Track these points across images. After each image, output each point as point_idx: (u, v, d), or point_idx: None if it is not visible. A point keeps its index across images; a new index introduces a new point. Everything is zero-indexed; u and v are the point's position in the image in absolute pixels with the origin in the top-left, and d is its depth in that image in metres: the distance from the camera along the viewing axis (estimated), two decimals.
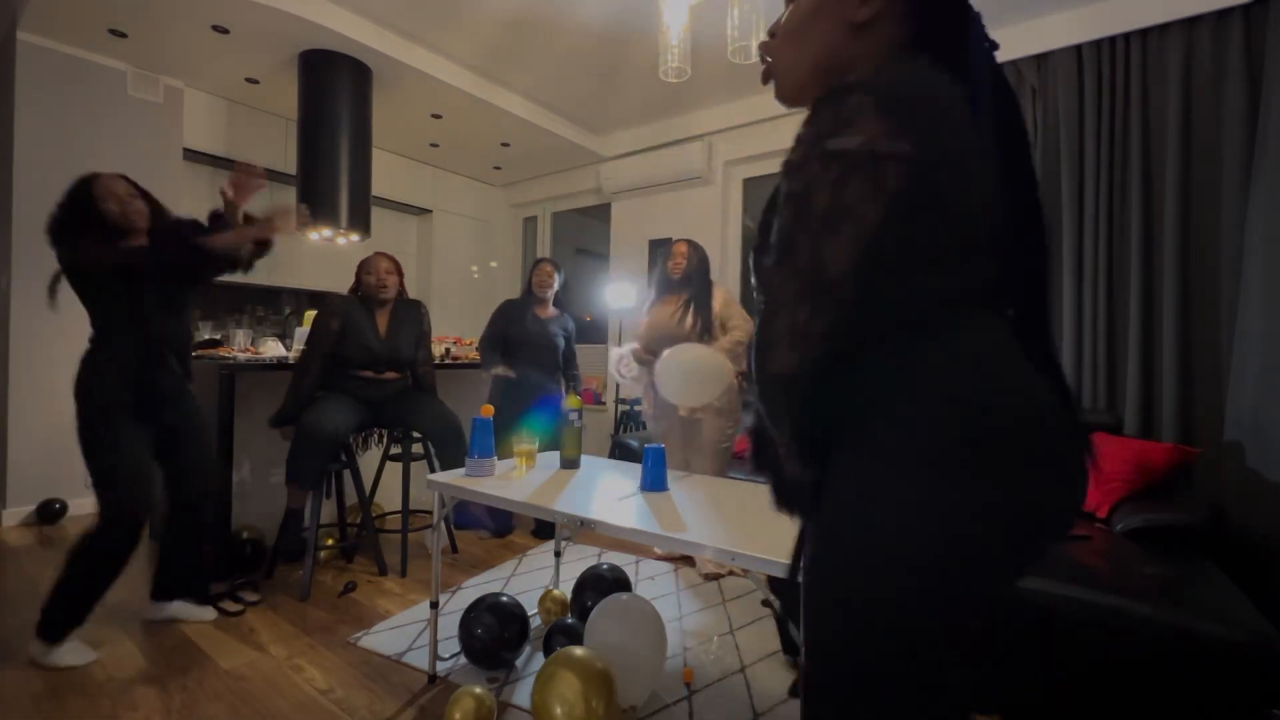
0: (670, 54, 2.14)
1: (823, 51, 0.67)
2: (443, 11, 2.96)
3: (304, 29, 2.90)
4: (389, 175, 4.48)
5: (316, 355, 2.37)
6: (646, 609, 1.65)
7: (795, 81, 0.70)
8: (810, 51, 0.67)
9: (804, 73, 0.68)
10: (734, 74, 3.46)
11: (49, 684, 1.61)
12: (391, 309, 2.55)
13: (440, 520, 1.70)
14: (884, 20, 0.65)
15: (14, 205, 2.96)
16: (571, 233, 5.35)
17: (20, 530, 2.88)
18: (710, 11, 2.59)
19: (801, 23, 0.68)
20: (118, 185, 1.80)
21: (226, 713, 1.52)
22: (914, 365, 0.60)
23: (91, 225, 1.75)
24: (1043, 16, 2.80)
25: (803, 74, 0.68)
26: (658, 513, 1.36)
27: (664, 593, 2.32)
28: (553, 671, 1.36)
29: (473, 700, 1.41)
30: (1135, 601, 1.40)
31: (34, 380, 3.01)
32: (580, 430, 1.81)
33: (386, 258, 2.55)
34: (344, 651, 1.83)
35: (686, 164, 4.06)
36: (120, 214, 1.78)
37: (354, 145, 3.27)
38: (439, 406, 2.56)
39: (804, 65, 0.68)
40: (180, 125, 3.46)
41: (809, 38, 0.67)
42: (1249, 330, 2.10)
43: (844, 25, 0.65)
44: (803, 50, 0.68)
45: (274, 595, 2.21)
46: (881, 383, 0.61)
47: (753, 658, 1.84)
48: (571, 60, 3.40)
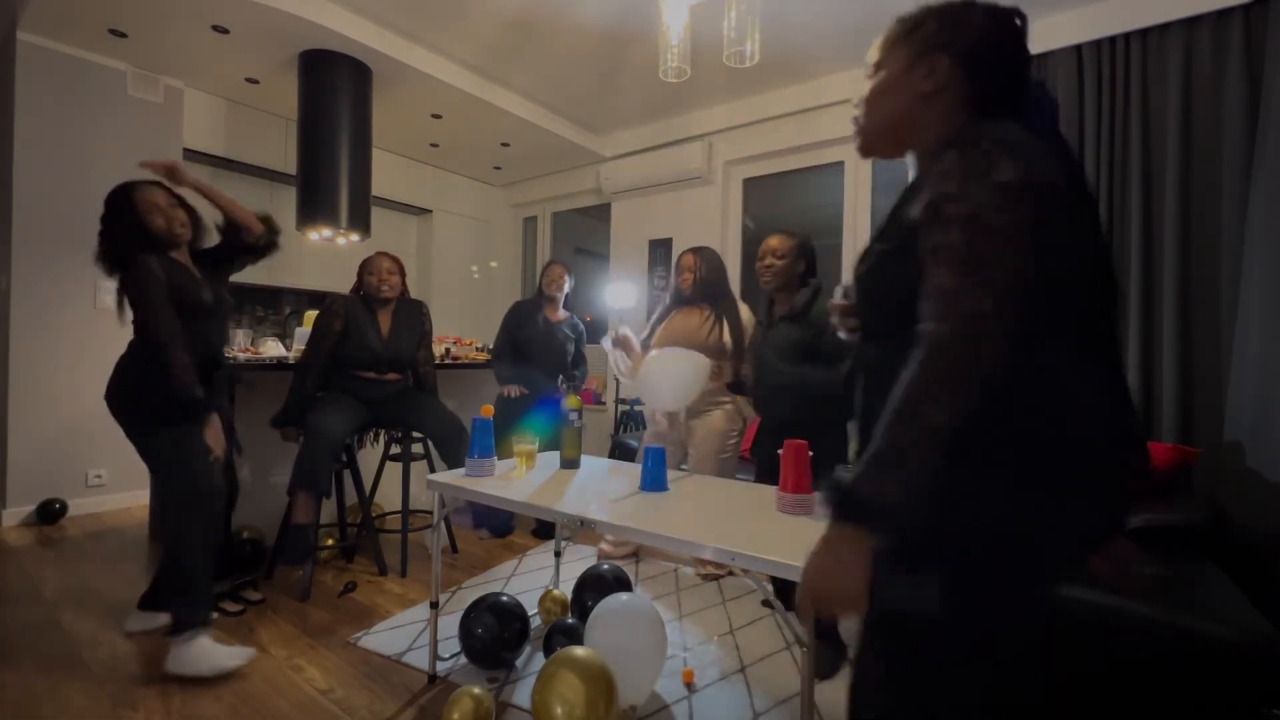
0: (670, 54, 2.14)
1: (895, 118, 0.82)
2: (443, 11, 2.96)
3: (304, 29, 2.90)
4: (389, 175, 4.48)
5: (318, 355, 2.37)
6: (646, 609, 1.65)
7: (872, 141, 0.86)
8: (890, 115, 0.82)
9: (879, 134, 0.84)
10: (734, 74, 3.45)
11: (50, 684, 1.61)
12: (394, 309, 2.55)
13: (440, 520, 1.70)
14: (948, 90, 0.78)
15: (14, 205, 2.96)
16: (571, 233, 5.35)
17: (20, 530, 2.88)
18: (710, 12, 2.59)
19: (879, 94, 0.83)
20: (158, 197, 1.78)
21: (226, 713, 1.52)
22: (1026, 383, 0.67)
23: (139, 237, 1.75)
24: (1043, 17, 2.80)
25: (878, 135, 0.84)
26: (658, 513, 1.35)
27: (664, 593, 2.32)
28: (554, 671, 1.36)
29: (471, 700, 1.41)
30: (1135, 601, 1.40)
31: (34, 380, 3.01)
32: (580, 430, 1.81)
33: (388, 257, 2.55)
34: (344, 651, 1.84)
35: (686, 164, 4.06)
36: (167, 229, 1.78)
37: (354, 145, 3.27)
38: (440, 407, 2.56)
39: (884, 124, 0.83)
40: (180, 125, 3.46)
41: (884, 106, 0.82)
42: (1249, 330, 2.10)
43: (914, 96, 0.79)
44: (884, 114, 0.83)
45: (274, 595, 2.21)
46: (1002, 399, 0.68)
47: (753, 658, 1.84)
48: (571, 60, 3.40)
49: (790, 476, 1.35)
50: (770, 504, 1.40)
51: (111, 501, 3.24)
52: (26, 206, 2.97)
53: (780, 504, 1.36)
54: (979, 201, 0.65)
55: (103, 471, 3.21)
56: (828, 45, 3.17)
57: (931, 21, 0.79)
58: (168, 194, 1.82)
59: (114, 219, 1.76)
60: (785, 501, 1.35)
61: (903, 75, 0.80)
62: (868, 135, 0.86)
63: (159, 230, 1.77)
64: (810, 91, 3.58)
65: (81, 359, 3.11)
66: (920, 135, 0.80)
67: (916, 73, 0.79)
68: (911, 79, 0.79)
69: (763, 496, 1.48)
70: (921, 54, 0.79)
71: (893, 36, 0.83)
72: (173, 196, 1.82)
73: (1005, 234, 0.64)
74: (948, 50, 0.78)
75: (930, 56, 0.78)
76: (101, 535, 2.82)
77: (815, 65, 3.39)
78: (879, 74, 0.84)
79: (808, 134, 3.66)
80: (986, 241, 0.64)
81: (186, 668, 1.64)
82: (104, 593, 2.18)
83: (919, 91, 0.79)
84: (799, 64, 3.38)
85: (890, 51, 0.83)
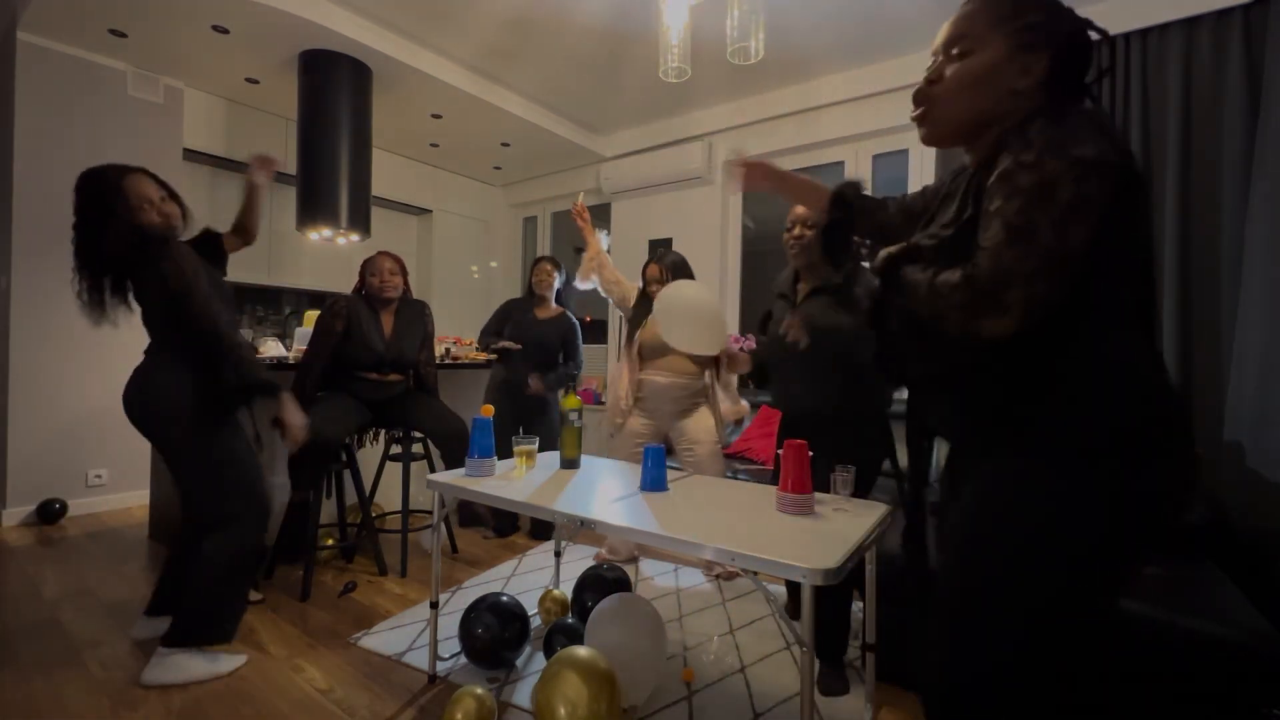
0: (670, 54, 2.14)
1: (987, 107, 0.79)
2: (443, 11, 2.96)
3: (304, 29, 2.90)
4: (389, 175, 4.48)
5: (320, 355, 2.36)
6: (646, 609, 1.65)
7: (957, 129, 0.83)
8: (978, 107, 0.79)
9: (967, 123, 0.81)
10: (734, 74, 3.46)
11: (50, 684, 1.60)
12: (396, 309, 2.54)
13: (440, 520, 1.70)
14: (1039, 86, 0.77)
15: (14, 205, 2.96)
16: (571, 233, 5.34)
17: (20, 530, 2.88)
18: (710, 11, 2.59)
19: (973, 82, 0.79)
20: (149, 189, 1.67)
21: (226, 713, 1.51)
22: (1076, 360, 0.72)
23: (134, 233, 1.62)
24: None
25: (966, 124, 0.81)
26: (658, 513, 1.35)
27: (664, 593, 2.32)
28: (556, 671, 1.36)
29: (474, 700, 1.41)
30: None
31: (34, 380, 3.01)
32: (580, 430, 1.80)
33: (390, 257, 2.54)
34: (344, 651, 1.83)
35: (686, 164, 4.06)
36: (162, 224, 1.67)
37: (354, 145, 3.27)
38: (441, 407, 2.56)
39: (967, 116, 0.80)
40: (180, 125, 3.46)
41: (979, 95, 0.78)
42: (1249, 330, 2.10)
43: (1007, 90, 0.77)
44: (970, 106, 0.79)
45: (274, 595, 2.21)
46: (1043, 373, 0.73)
47: (753, 658, 1.84)
48: (571, 60, 3.40)
49: (790, 476, 1.35)
50: (770, 504, 1.40)
51: (111, 501, 3.24)
52: (27, 206, 2.97)
53: (780, 504, 1.36)
54: (1052, 171, 0.67)
55: (103, 471, 3.21)
56: (828, 45, 3.17)
57: (1033, 14, 0.76)
58: (158, 184, 1.71)
59: (100, 212, 1.61)
60: (785, 501, 1.35)
61: (999, 66, 0.77)
62: (947, 125, 0.82)
63: (153, 228, 1.64)
64: (810, 91, 3.58)
65: (81, 359, 3.11)
66: (998, 127, 0.78)
67: (1014, 66, 0.76)
68: (1008, 72, 0.77)
69: (763, 496, 1.48)
70: (1020, 46, 0.76)
71: (984, 18, 0.78)
72: (163, 187, 1.72)
73: (1070, 205, 0.66)
74: (1047, 47, 0.76)
75: (1030, 52, 0.76)
76: (101, 535, 2.82)
77: (815, 65, 3.39)
78: (968, 58, 0.78)
79: (808, 134, 3.67)
80: (1049, 209, 0.66)
81: (164, 677, 1.60)
82: (104, 593, 2.18)
83: (1013, 87, 0.77)
84: (799, 64, 3.38)
85: (983, 36, 0.77)
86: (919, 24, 2.92)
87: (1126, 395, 0.71)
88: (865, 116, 3.45)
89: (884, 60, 3.30)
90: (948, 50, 0.81)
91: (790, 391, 1.78)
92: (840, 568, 1.04)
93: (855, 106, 3.48)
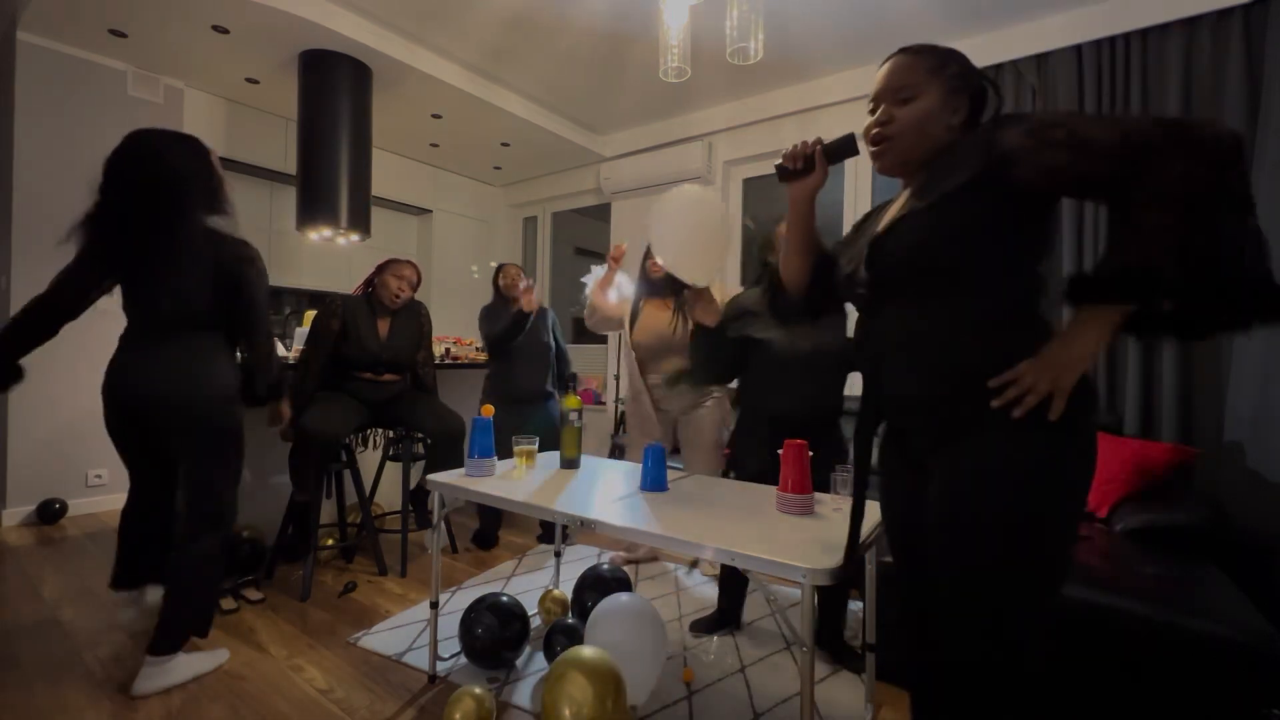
0: (670, 54, 2.14)
1: (931, 143, 0.96)
2: (443, 11, 2.96)
3: (304, 29, 2.90)
4: (389, 175, 4.48)
5: (317, 355, 2.37)
6: (646, 609, 1.65)
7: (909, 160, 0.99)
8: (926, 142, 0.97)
9: (914, 156, 0.98)
10: (734, 74, 3.46)
11: (50, 684, 1.60)
12: (393, 311, 2.54)
13: (440, 520, 1.70)
14: (961, 122, 0.98)
15: (14, 205, 2.96)
16: (571, 233, 5.36)
17: (20, 530, 2.88)
18: (710, 11, 2.60)
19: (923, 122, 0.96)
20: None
21: (226, 713, 1.51)
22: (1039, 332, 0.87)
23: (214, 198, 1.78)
24: (1043, 17, 2.80)
25: (917, 155, 0.98)
26: (658, 513, 1.35)
27: (664, 593, 2.32)
28: (562, 672, 1.36)
29: (473, 700, 1.41)
30: (1135, 601, 1.40)
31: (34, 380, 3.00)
32: (580, 430, 1.80)
33: (413, 267, 2.54)
34: (344, 651, 1.84)
35: (686, 164, 4.06)
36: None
37: (354, 145, 3.27)
38: (440, 406, 2.56)
39: (921, 148, 0.97)
40: (180, 125, 3.45)
41: (924, 134, 0.96)
42: None
43: (944, 126, 0.96)
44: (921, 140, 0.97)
45: (274, 595, 2.21)
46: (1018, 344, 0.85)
47: (753, 658, 1.84)
48: (571, 60, 3.40)
49: (790, 476, 1.35)
50: (770, 504, 1.40)
51: (111, 501, 3.24)
52: (27, 206, 2.97)
53: (780, 504, 1.36)
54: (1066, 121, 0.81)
55: (103, 471, 3.21)
56: (828, 45, 3.17)
57: (954, 65, 0.96)
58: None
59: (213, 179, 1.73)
60: (785, 501, 1.35)
61: (938, 108, 0.95)
62: (903, 155, 0.99)
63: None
64: (810, 91, 3.58)
65: (81, 359, 3.10)
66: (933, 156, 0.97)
67: (948, 107, 0.96)
68: (945, 112, 0.96)
69: (763, 496, 1.48)
70: (952, 91, 0.95)
71: (921, 69, 0.96)
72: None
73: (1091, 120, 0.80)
74: (965, 91, 0.96)
75: (958, 95, 0.96)
76: (101, 535, 2.82)
77: (815, 65, 3.39)
78: (913, 103, 0.96)
79: (808, 134, 3.62)
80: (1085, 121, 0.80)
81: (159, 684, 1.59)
82: (104, 593, 2.17)
83: (949, 123, 0.96)
84: (799, 64, 3.38)
85: (922, 83, 0.96)
86: (919, 24, 2.92)
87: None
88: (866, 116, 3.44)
89: None
90: (893, 96, 0.97)
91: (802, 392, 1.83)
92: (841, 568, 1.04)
93: (855, 106, 3.48)
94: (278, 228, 4.04)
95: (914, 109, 0.96)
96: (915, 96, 0.96)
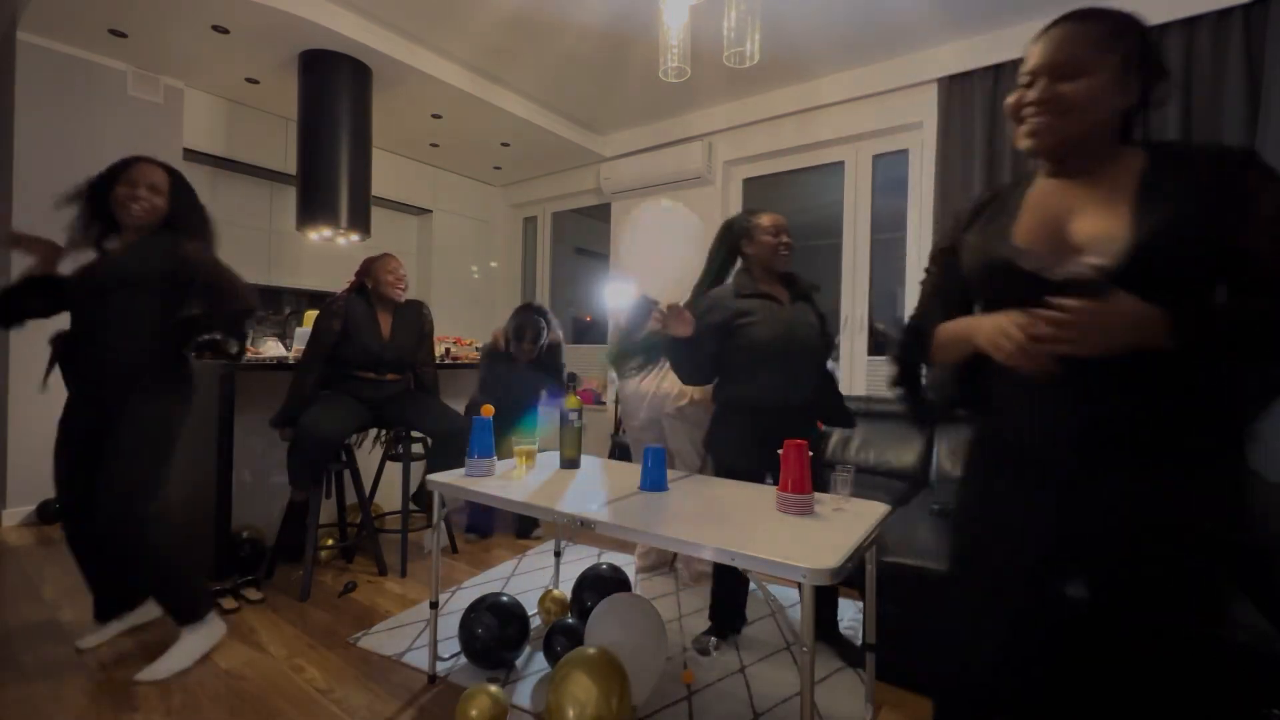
0: (670, 54, 2.14)
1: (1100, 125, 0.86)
2: (443, 11, 2.96)
3: (304, 29, 2.90)
4: (389, 175, 4.48)
5: (318, 355, 2.36)
6: (646, 609, 1.65)
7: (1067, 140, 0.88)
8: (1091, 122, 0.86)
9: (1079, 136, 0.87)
10: (734, 74, 3.45)
11: (50, 684, 1.61)
12: (395, 310, 2.54)
13: (440, 520, 1.70)
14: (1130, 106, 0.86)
15: (14, 205, 2.95)
16: (571, 233, 5.36)
17: (20, 530, 2.88)
18: (710, 11, 2.59)
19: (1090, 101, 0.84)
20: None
21: (226, 713, 1.51)
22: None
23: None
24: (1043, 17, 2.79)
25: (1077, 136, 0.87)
26: (658, 513, 1.35)
27: (664, 593, 2.32)
28: (567, 673, 1.36)
29: (488, 698, 1.41)
30: None
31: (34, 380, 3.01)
32: (580, 430, 1.80)
33: (396, 260, 2.56)
34: (344, 651, 1.84)
35: (686, 164, 4.05)
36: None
37: (354, 145, 3.27)
38: (441, 406, 2.56)
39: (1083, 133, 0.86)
40: (180, 125, 3.46)
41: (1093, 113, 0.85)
42: None
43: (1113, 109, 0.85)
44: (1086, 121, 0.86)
45: (274, 595, 2.21)
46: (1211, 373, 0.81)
47: (753, 658, 1.84)
48: (571, 60, 3.40)
49: (790, 476, 1.35)
50: (770, 504, 1.40)
51: None
52: (27, 207, 2.97)
53: (780, 504, 1.36)
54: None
55: None
56: (827, 45, 3.17)
57: (1130, 38, 0.85)
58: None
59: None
60: (785, 501, 1.35)
61: (1110, 89, 0.84)
62: (1063, 138, 0.87)
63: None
64: (810, 91, 3.58)
65: None
66: (1103, 142, 0.87)
67: (1120, 88, 0.84)
68: (1115, 93, 0.84)
69: (763, 496, 1.48)
70: (1124, 70, 0.83)
71: (1091, 41, 0.84)
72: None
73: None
74: (1140, 74, 0.84)
75: (1129, 75, 0.84)
76: None
77: (815, 65, 3.39)
78: (1081, 81, 0.84)
79: (808, 134, 3.66)
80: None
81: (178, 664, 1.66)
82: None
83: (1119, 106, 0.85)
84: (799, 64, 3.38)
85: (1095, 61, 0.84)
86: (919, 24, 2.92)
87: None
88: (865, 116, 3.46)
89: (884, 60, 3.30)
90: (1055, 72, 0.86)
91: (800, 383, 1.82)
92: (841, 568, 1.04)
93: (855, 106, 3.48)
94: (278, 228, 4.04)
95: (1081, 88, 0.84)
96: (1083, 74, 0.84)
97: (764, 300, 1.82)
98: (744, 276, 1.91)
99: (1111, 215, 0.83)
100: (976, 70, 2.99)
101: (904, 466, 2.80)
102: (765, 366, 1.77)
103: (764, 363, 1.77)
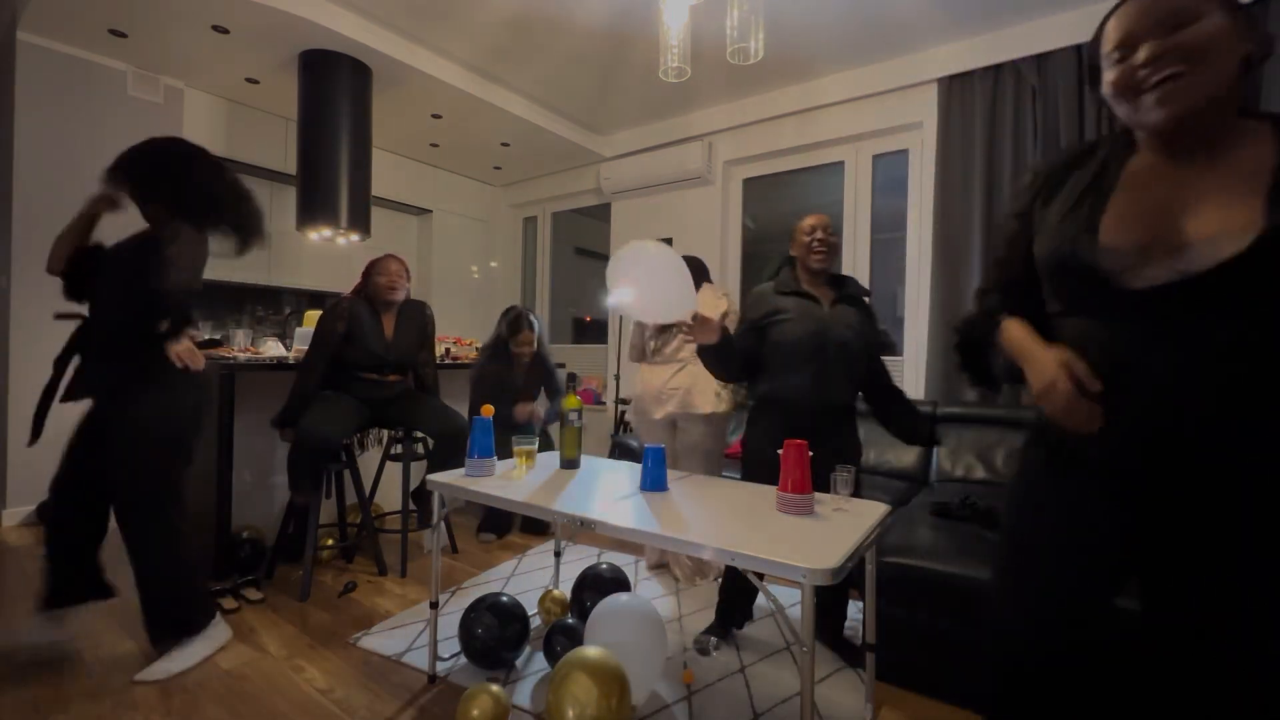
0: (670, 54, 2.14)
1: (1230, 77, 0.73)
2: (443, 11, 2.96)
3: (304, 29, 2.90)
4: (389, 175, 4.48)
5: (321, 356, 2.36)
6: (646, 609, 1.65)
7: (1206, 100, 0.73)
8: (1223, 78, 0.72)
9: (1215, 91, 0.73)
10: (734, 74, 3.46)
11: (50, 684, 1.61)
12: (397, 311, 2.54)
13: (440, 520, 1.70)
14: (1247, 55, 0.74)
15: (14, 205, 2.96)
16: (571, 233, 5.36)
17: (20, 530, 2.88)
18: (710, 11, 2.59)
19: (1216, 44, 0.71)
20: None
21: (226, 713, 1.51)
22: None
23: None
24: (1043, 17, 2.80)
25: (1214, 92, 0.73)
26: (657, 513, 1.35)
27: (664, 593, 2.32)
28: (567, 673, 1.36)
29: (490, 698, 1.41)
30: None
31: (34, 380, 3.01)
32: (580, 430, 1.80)
33: (397, 260, 2.55)
34: (344, 651, 1.84)
35: (686, 164, 4.06)
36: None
37: (354, 145, 3.27)
38: (441, 406, 2.56)
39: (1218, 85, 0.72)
40: (180, 125, 3.46)
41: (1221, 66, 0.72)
42: None
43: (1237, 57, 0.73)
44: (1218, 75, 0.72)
45: (274, 595, 2.21)
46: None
47: (753, 658, 1.84)
48: (571, 60, 3.40)
49: (790, 476, 1.35)
50: (770, 504, 1.40)
51: None
52: (27, 206, 2.97)
53: (780, 504, 1.36)
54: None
55: None
56: (828, 45, 3.17)
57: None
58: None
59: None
60: (785, 501, 1.35)
61: (1230, 27, 0.71)
62: (1202, 93, 0.72)
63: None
64: (810, 91, 3.58)
65: None
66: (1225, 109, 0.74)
67: (1240, 32, 0.71)
68: (1236, 38, 0.71)
69: (763, 496, 1.48)
70: (1237, 22, 0.72)
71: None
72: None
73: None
74: (1251, 33, 0.72)
75: (1245, 27, 0.72)
76: None
77: (815, 65, 3.39)
78: (1201, 20, 0.71)
79: (808, 134, 3.66)
80: None
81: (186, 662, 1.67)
82: None
83: (1242, 52, 0.72)
84: (799, 64, 3.38)
85: (1203, 4, 0.72)
86: (919, 24, 2.92)
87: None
88: (865, 116, 3.46)
89: (884, 60, 3.30)
90: (1162, 28, 0.72)
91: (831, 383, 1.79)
92: (841, 567, 1.04)
93: (855, 106, 3.48)
94: (278, 228, 4.04)
95: (1204, 30, 0.70)
96: (1198, 16, 0.71)
97: (800, 299, 1.82)
98: (786, 275, 1.92)
99: (1240, 207, 0.70)
100: (977, 70, 2.99)
101: (904, 466, 2.80)
102: (795, 364, 1.78)
103: (794, 360, 1.78)
